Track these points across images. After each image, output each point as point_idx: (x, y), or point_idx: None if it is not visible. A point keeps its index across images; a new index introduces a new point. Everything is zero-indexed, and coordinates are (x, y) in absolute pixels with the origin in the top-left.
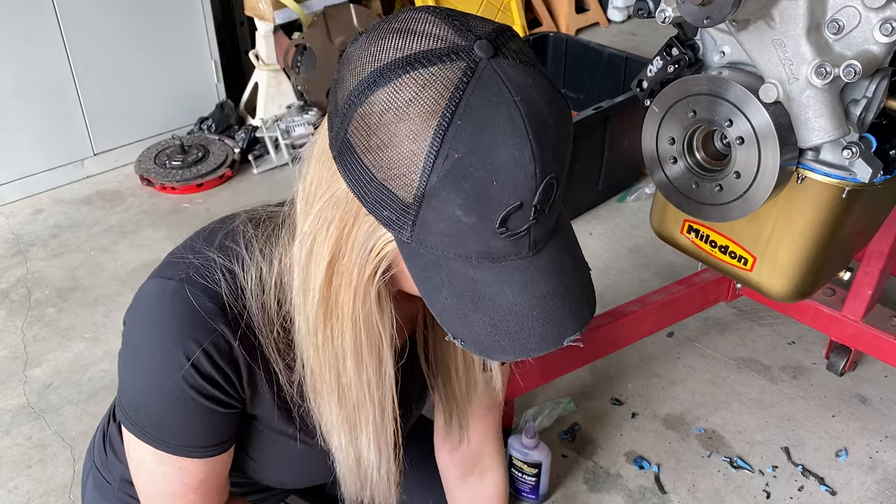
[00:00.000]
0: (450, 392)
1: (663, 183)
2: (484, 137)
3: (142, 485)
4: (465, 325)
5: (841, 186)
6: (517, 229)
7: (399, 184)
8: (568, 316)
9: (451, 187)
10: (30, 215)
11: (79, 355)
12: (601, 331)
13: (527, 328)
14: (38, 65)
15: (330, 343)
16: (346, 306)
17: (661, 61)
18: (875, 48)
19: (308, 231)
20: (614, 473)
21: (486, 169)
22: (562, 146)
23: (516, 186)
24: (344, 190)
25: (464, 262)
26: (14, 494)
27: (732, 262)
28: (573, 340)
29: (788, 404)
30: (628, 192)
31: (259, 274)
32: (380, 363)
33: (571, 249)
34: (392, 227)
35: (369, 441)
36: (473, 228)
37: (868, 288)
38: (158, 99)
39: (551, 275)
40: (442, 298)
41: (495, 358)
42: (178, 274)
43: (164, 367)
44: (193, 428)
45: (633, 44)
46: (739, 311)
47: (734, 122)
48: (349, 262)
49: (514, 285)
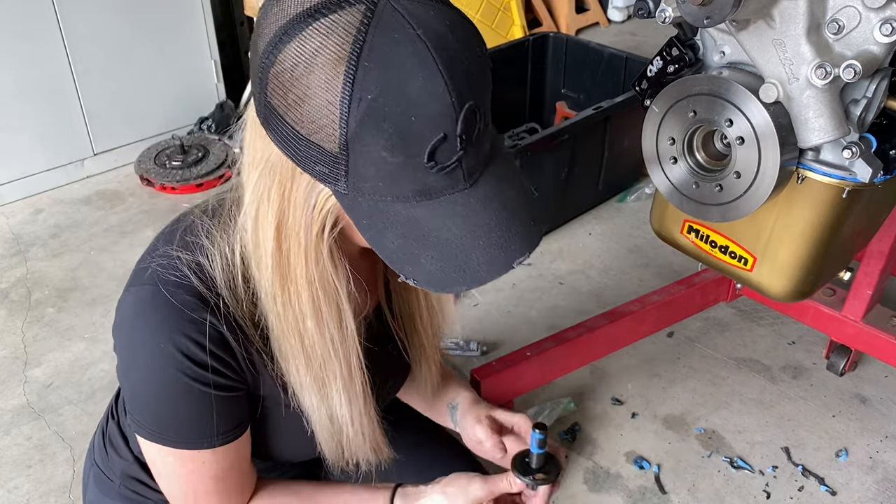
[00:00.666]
0: (418, 342)
1: (663, 183)
2: (393, 75)
3: (171, 490)
4: (415, 264)
5: (841, 186)
6: (447, 162)
7: (323, 135)
8: (514, 240)
9: (371, 130)
10: (30, 215)
11: (79, 355)
12: (601, 331)
13: (474, 258)
14: (38, 65)
15: (289, 307)
16: (299, 268)
17: (661, 61)
18: (875, 48)
19: (251, 201)
20: (614, 473)
21: (401, 106)
22: (476, 72)
23: (435, 119)
24: (277, 154)
25: (403, 204)
26: (14, 494)
27: (732, 262)
28: (522, 262)
29: (788, 404)
30: (628, 192)
31: (223, 259)
32: (340, 319)
33: (512, 179)
34: (327, 181)
35: (339, 396)
36: (403, 167)
37: (868, 288)
38: (158, 99)
39: (493, 203)
40: (388, 242)
41: (449, 291)
42: (149, 279)
43: (161, 367)
44: (205, 418)
45: (633, 44)
46: (739, 311)
47: (734, 122)
48: (295, 224)
49: (455, 218)
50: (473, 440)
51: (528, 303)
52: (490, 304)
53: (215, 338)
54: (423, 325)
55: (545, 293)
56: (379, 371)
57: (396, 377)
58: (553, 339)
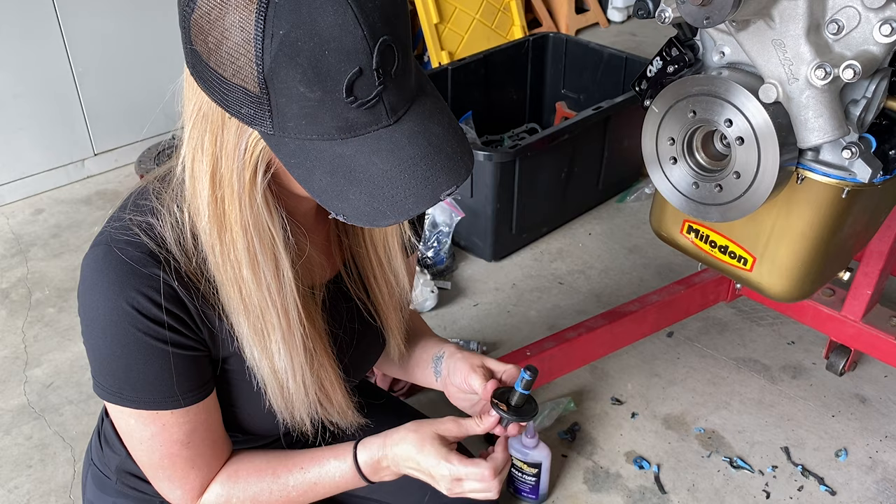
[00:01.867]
0: (377, 304)
1: (663, 183)
2: (303, 10)
3: (139, 456)
4: (344, 200)
5: (841, 187)
6: (367, 97)
7: (243, 76)
8: (441, 173)
9: (286, 65)
10: (30, 215)
11: (79, 355)
12: (601, 331)
13: (402, 191)
14: (38, 65)
15: (226, 257)
16: (233, 214)
17: (661, 61)
18: (875, 48)
19: (186, 151)
20: (614, 473)
21: (313, 40)
22: (390, 7)
23: (349, 52)
24: (207, 102)
25: (328, 143)
26: (14, 494)
27: (732, 263)
28: (449, 194)
29: (788, 404)
30: (628, 193)
31: (172, 217)
32: (276, 267)
33: (439, 116)
34: (254, 123)
35: (279, 348)
36: (323, 102)
37: (868, 288)
38: (158, 99)
39: (418, 138)
40: (317, 180)
41: (379, 224)
42: (102, 241)
43: (114, 322)
44: (163, 377)
45: (633, 44)
46: (739, 311)
47: (734, 122)
48: (227, 170)
49: (381, 154)
50: (464, 389)
51: (528, 303)
52: (490, 304)
53: (168, 293)
54: (377, 286)
55: (545, 293)
56: (346, 338)
57: (368, 344)
58: (553, 339)
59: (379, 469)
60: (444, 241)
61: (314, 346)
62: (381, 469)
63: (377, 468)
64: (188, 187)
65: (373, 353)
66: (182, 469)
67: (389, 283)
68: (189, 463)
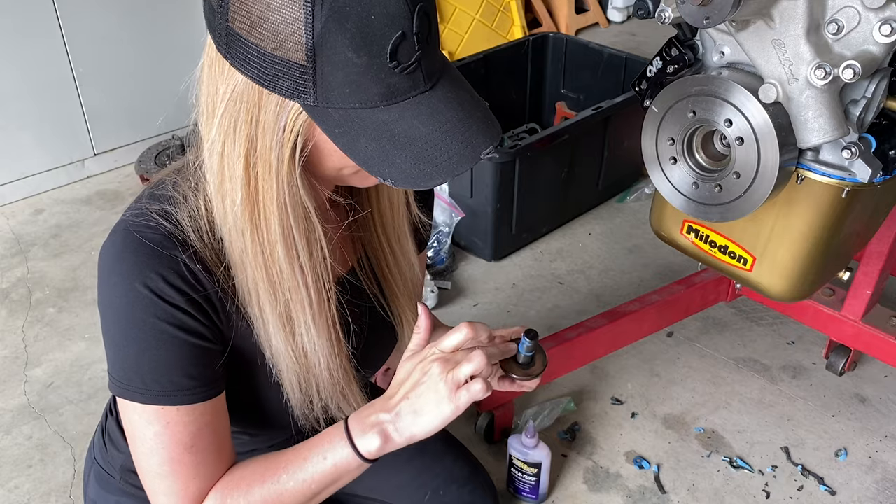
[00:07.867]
0: (391, 297)
1: (663, 183)
2: None
3: (140, 459)
4: (390, 164)
5: (840, 186)
6: (408, 62)
7: (289, 47)
8: (479, 135)
9: (335, 30)
10: (30, 215)
11: (79, 355)
12: (601, 331)
13: (445, 152)
14: (38, 65)
15: (257, 240)
16: (270, 193)
17: (661, 62)
18: (874, 48)
19: (216, 137)
20: (614, 473)
21: (361, 4)
22: None
23: (392, 16)
24: (242, 81)
25: (371, 110)
26: (14, 494)
27: (732, 263)
28: (487, 153)
29: (788, 404)
30: (628, 192)
31: (189, 205)
32: (309, 243)
33: (464, 85)
34: (297, 95)
35: (309, 329)
36: (368, 68)
37: (867, 288)
38: (159, 99)
39: (453, 103)
40: (362, 147)
41: (425, 185)
42: (119, 228)
43: (130, 303)
44: (172, 367)
45: (633, 44)
46: (739, 311)
47: (734, 122)
48: (265, 149)
49: (422, 118)
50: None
51: (528, 303)
52: (490, 304)
53: (186, 276)
54: (392, 277)
55: (545, 293)
56: (361, 331)
57: (382, 339)
58: (553, 339)
59: (369, 426)
60: (444, 241)
61: (336, 336)
62: (370, 426)
63: (366, 426)
64: (215, 174)
65: (386, 348)
66: (184, 479)
67: (403, 273)
68: (189, 469)
